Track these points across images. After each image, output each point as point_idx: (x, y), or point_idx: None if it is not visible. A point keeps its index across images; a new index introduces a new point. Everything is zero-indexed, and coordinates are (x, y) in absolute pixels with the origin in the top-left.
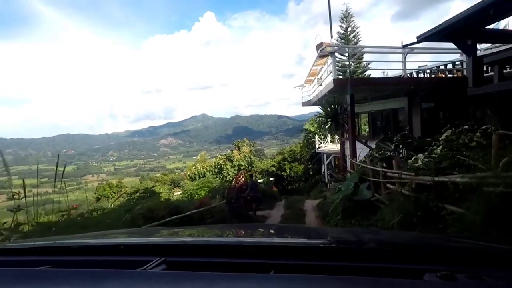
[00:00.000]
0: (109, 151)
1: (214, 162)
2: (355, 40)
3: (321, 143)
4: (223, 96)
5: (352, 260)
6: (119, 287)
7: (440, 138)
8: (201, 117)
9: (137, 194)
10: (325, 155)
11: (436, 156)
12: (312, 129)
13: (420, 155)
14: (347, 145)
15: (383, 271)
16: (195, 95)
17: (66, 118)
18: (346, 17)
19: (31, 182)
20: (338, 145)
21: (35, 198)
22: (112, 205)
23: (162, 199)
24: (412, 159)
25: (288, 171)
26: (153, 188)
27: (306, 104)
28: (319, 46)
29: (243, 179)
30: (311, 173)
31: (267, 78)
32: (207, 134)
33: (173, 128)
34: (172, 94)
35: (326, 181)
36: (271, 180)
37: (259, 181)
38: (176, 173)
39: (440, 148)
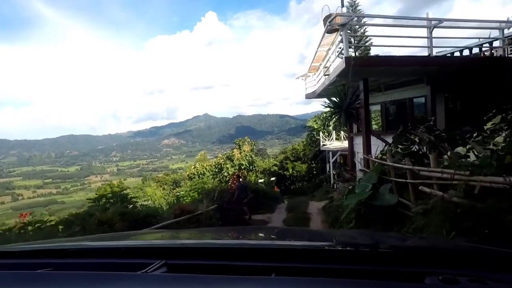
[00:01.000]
0: (112, 152)
1: (215, 162)
2: (362, 30)
3: (325, 140)
4: (225, 96)
5: (353, 263)
6: None
7: (485, 127)
8: (204, 117)
9: (104, 200)
10: (330, 153)
11: (499, 148)
12: (315, 126)
13: (460, 149)
14: (357, 140)
15: (385, 274)
16: (198, 95)
17: (69, 119)
18: (352, 6)
19: (36, 183)
20: (345, 142)
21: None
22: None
23: (140, 204)
24: (448, 153)
25: (290, 170)
26: (124, 192)
27: (310, 96)
28: (327, 18)
29: (241, 179)
30: (314, 172)
31: (269, 77)
32: (209, 134)
33: (175, 128)
34: (174, 94)
35: (332, 181)
36: (273, 180)
37: (260, 181)
38: (179, 173)
39: (503, 136)
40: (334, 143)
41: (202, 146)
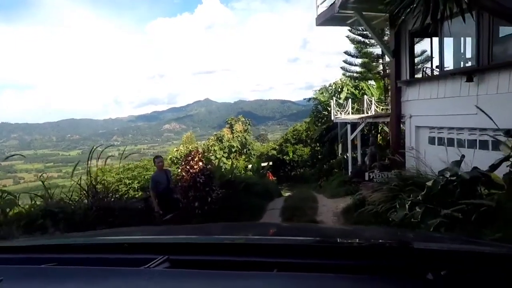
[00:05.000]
0: (113, 136)
1: (204, 144)
2: None
3: (339, 112)
4: (226, 80)
5: (355, 258)
6: (122, 285)
7: None
8: (205, 102)
9: None
10: (348, 127)
11: None
12: (322, 99)
13: None
14: (412, 93)
15: (387, 269)
16: (199, 80)
17: (70, 103)
18: None
19: (37, 167)
20: (362, 115)
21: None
22: None
23: None
24: None
25: (291, 154)
26: None
27: (325, 17)
28: None
29: (200, 163)
30: (319, 156)
31: (271, 62)
32: (210, 119)
33: (176, 113)
34: (175, 79)
35: (351, 169)
36: (265, 166)
37: (249, 166)
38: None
39: None
40: (350, 116)
41: (203, 131)
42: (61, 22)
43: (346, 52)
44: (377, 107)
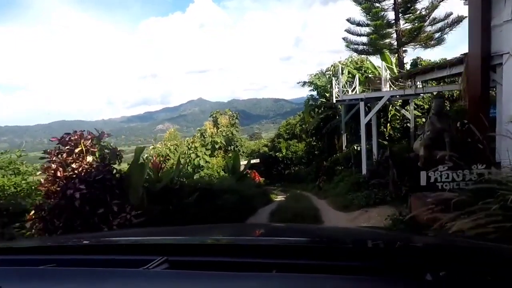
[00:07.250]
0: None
1: (187, 141)
2: None
3: (345, 92)
4: (220, 80)
5: (354, 259)
6: (121, 286)
7: None
8: (198, 101)
9: None
10: (361, 105)
11: None
12: (319, 84)
13: None
14: None
15: (385, 270)
16: (192, 80)
17: (62, 105)
18: None
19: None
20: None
21: None
22: None
23: None
24: None
25: (284, 151)
26: None
27: None
28: None
29: (89, 158)
30: (316, 153)
31: (265, 61)
32: (204, 118)
33: (170, 113)
34: (168, 78)
35: (366, 166)
36: (246, 164)
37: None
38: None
39: None
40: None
41: (196, 131)
42: (51, 22)
43: (349, 20)
44: (391, 85)
